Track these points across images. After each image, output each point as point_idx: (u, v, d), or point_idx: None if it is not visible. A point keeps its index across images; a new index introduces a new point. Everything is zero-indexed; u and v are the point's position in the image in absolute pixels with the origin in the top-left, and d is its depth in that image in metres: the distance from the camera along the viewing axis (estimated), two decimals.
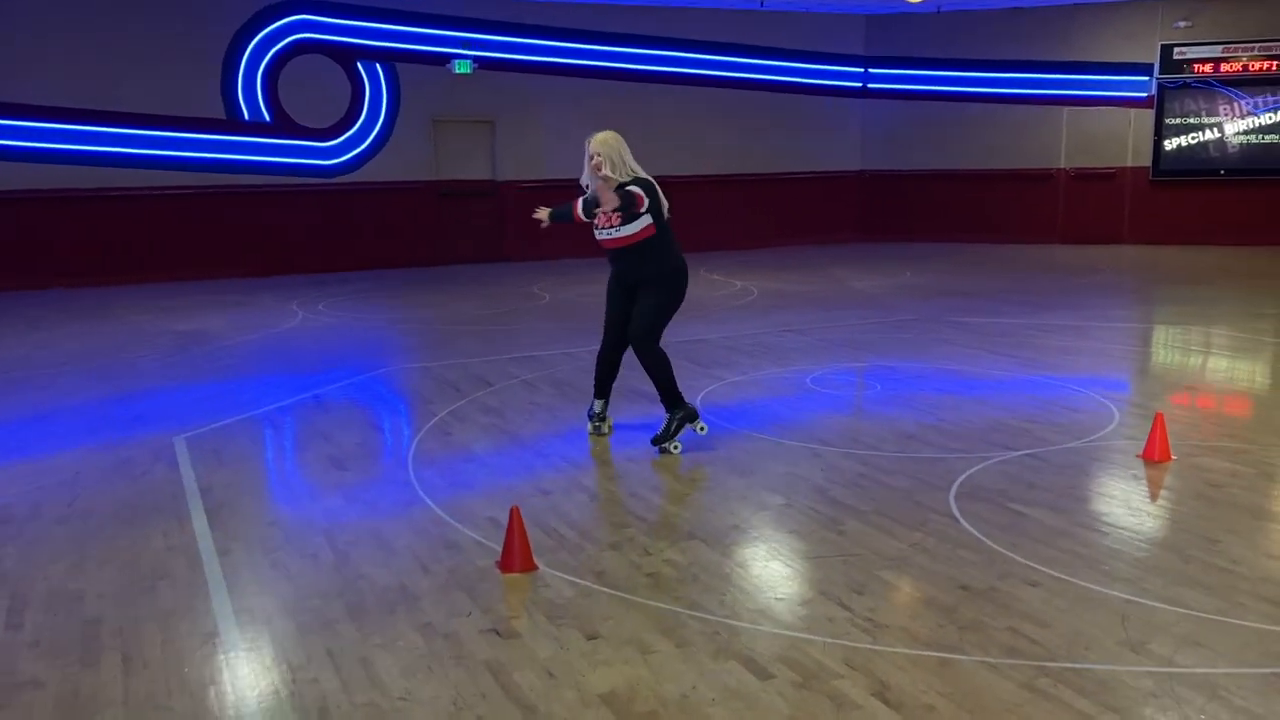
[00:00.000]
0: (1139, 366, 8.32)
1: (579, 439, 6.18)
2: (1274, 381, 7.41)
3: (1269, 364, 8.05)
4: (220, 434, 6.40)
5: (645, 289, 5.83)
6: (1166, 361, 8.56)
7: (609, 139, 5.68)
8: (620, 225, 5.68)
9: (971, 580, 4.06)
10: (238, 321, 10.83)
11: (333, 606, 3.91)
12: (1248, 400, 6.88)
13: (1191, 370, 8.08)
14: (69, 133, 13.63)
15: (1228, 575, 4.08)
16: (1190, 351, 9.00)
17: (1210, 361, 8.38)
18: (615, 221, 5.68)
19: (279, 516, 4.92)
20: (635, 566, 4.23)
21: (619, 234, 5.72)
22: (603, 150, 5.62)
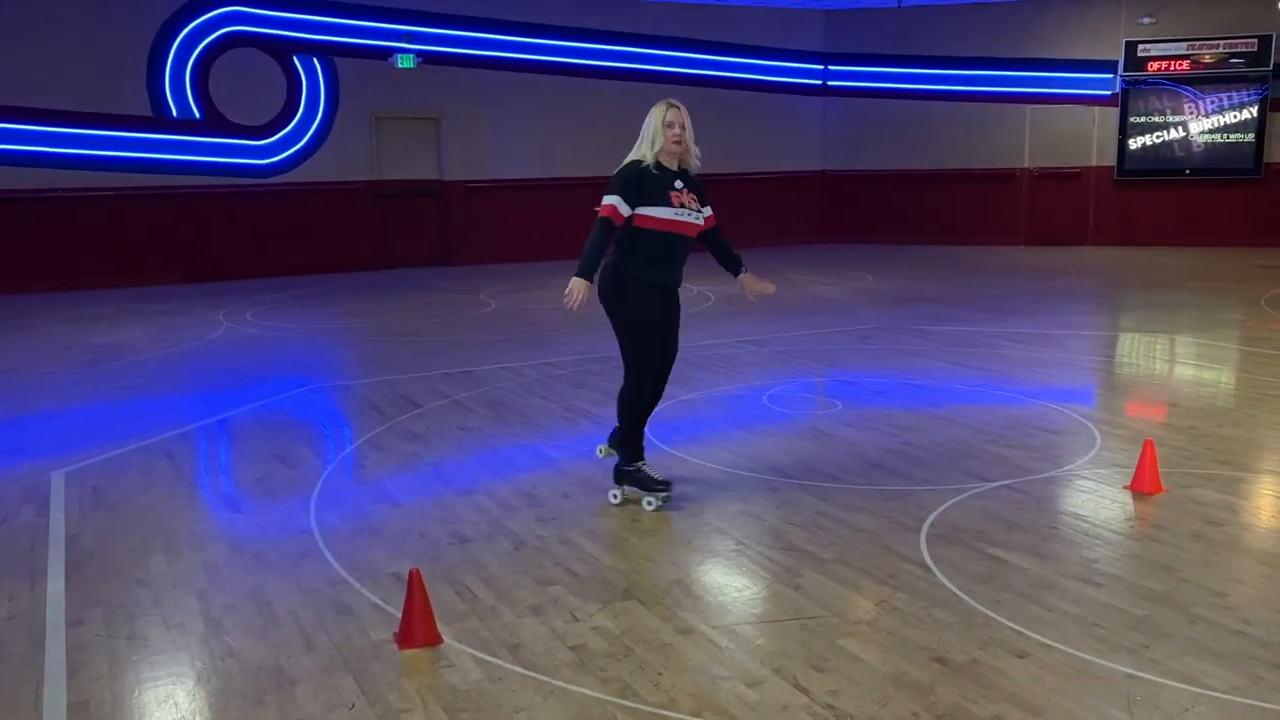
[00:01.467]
0: (1115, 380, 7.82)
1: (508, 470, 5.55)
2: (1254, 395, 6.93)
3: (1246, 376, 7.58)
4: (106, 467, 5.70)
5: (679, 299, 4.98)
6: (1143, 374, 8.07)
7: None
8: (698, 210, 4.80)
9: (949, 650, 3.48)
10: (158, 333, 10.08)
11: (190, 696, 3.25)
12: (1232, 419, 6.39)
13: (1170, 385, 7.58)
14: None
15: (1241, 640, 3.52)
16: (1165, 362, 8.52)
17: (1187, 374, 7.89)
18: (694, 204, 4.78)
19: (151, 573, 4.24)
20: (558, 637, 3.60)
21: (697, 219, 4.79)
22: (689, 123, 4.79)
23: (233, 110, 14.06)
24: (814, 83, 18.05)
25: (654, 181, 4.67)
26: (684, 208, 4.72)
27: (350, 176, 14.88)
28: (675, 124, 4.72)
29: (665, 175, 4.71)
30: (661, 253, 4.73)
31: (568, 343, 9.01)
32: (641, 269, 4.74)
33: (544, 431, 6.30)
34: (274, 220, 14.44)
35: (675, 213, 4.69)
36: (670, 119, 4.72)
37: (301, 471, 5.58)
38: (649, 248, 4.71)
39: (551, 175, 15.99)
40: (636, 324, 4.79)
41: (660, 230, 4.68)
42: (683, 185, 4.74)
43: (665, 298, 4.83)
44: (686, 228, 4.75)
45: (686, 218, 4.73)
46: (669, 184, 4.71)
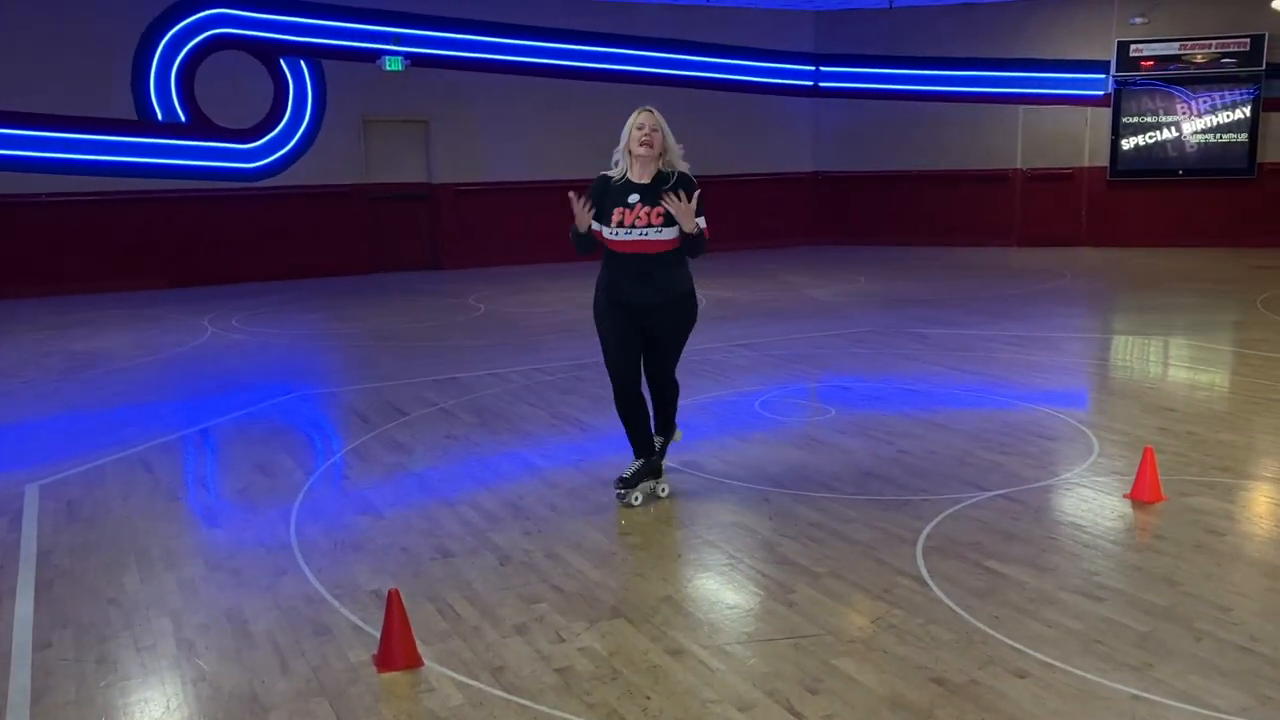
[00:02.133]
0: (1111, 384, 7.72)
1: (494, 480, 5.42)
2: (1251, 400, 6.83)
3: (1242, 379, 7.49)
4: (83, 479, 5.56)
5: (668, 317, 4.77)
6: (1139, 378, 7.97)
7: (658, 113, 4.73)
8: (663, 225, 4.61)
9: (947, 670, 3.36)
10: (141, 339, 9.93)
11: None
12: (1230, 424, 6.29)
13: (1166, 389, 7.49)
14: None
15: (1248, 657, 3.42)
16: (1161, 366, 8.43)
17: (1184, 378, 7.80)
18: (657, 220, 4.60)
19: (124, 591, 4.11)
20: (543, 659, 3.48)
21: (658, 236, 4.62)
22: (660, 123, 4.65)
23: (219, 113, 13.90)
24: (805, 84, 17.94)
25: (610, 196, 4.68)
26: (626, 227, 4.61)
27: (338, 180, 14.73)
28: (645, 125, 4.64)
29: (625, 189, 4.65)
30: (616, 270, 4.74)
31: (557, 348, 8.88)
32: (600, 279, 4.85)
33: (531, 440, 6.18)
34: (261, 224, 14.28)
35: (613, 232, 4.64)
36: (641, 122, 4.66)
37: (283, 482, 5.45)
38: (606, 260, 4.79)
39: (542, 178, 15.85)
40: (597, 324, 4.91)
41: (607, 249, 4.73)
42: (638, 199, 4.61)
43: (621, 315, 4.76)
44: (629, 246, 4.64)
45: (627, 236, 4.62)
46: (622, 199, 4.64)
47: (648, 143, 4.61)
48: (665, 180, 4.65)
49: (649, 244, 4.63)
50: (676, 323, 4.82)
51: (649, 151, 4.61)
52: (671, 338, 4.84)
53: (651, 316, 4.75)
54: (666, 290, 4.72)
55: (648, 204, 4.60)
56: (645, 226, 4.60)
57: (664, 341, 4.84)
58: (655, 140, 4.62)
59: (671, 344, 4.87)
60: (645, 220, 4.60)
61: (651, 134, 4.62)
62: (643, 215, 4.60)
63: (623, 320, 4.77)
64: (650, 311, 4.74)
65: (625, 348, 4.81)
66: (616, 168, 4.73)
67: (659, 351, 4.86)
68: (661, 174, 4.66)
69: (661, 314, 4.75)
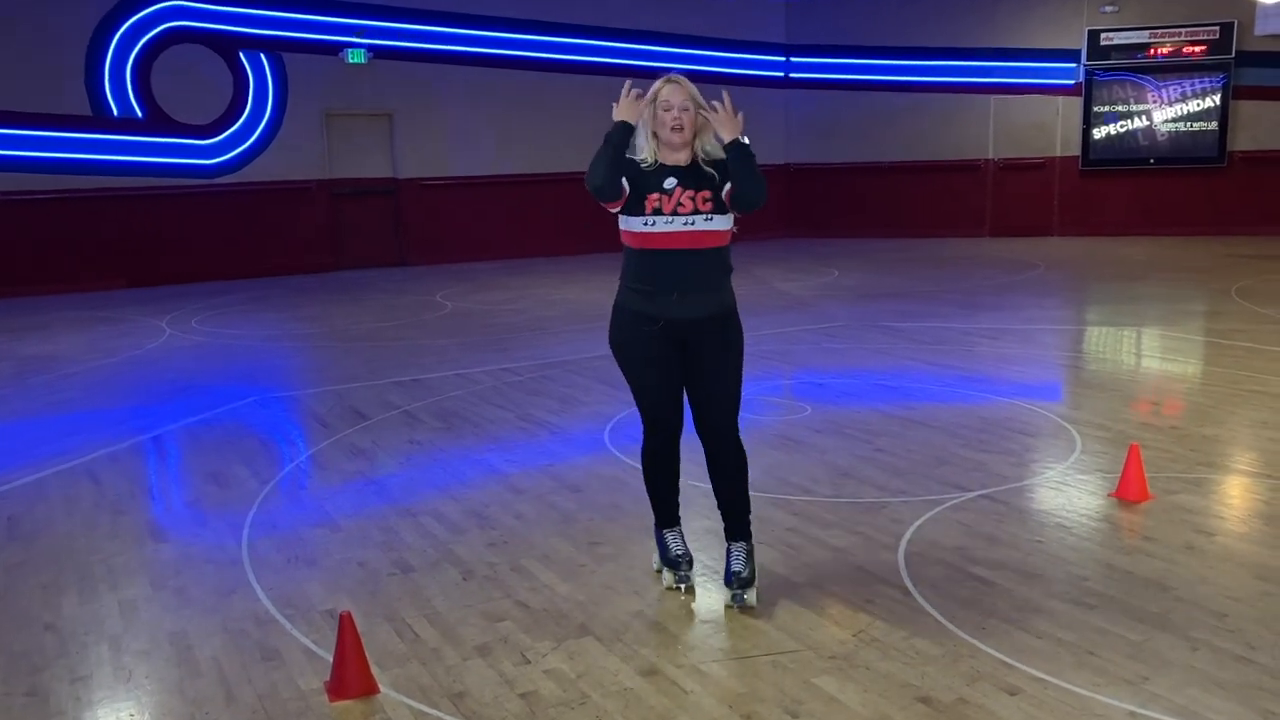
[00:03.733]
0: (1090, 377, 7.59)
1: (458, 488, 5.20)
2: (1233, 392, 6.71)
3: (1222, 371, 7.37)
4: (24, 492, 5.29)
5: (717, 333, 3.68)
6: (1117, 370, 7.85)
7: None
8: (713, 213, 3.60)
9: (934, 687, 3.18)
10: (96, 342, 9.61)
11: None
12: (1213, 418, 6.16)
13: (1146, 381, 7.37)
14: None
15: (1246, 667, 3.26)
16: (1140, 357, 8.31)
17: (1163, 369, 7.68)
18: (705, 205, 3.59)
19: (61, 616, 3.86)
20: (506, 683, 3.27)
21: (708, 225, 3.60)
22: (693, 97, 3.66)
23: (177, 109, 13.54)
24: (776, 74, 17.77)
25: (640, 179, 3.61)
26: (662, 215, 3.55)
27: (301, 176, 14.40)
28: (674, 104, 3.61)
29: (658, 173, 3.62)
30: (647, 275, 3.63)
31: (525, 347, 8.65)
32: (625, 292, 3.74)
33: (498, 444, 5.96)
34: (222, 222, 13.94)
35: (648, 222, 3.56)
36: (667, 98, 3.63)
37: (236, 493, 5.20)
38: (634, 266, 3.68)
39: (510, 172, 15.60)
40: (614, 350, 3.81)
41: (635, 248, 3.65)
42: (676, 183, 3.59)
43: (650, 332, 3.65)
44: (668, 240, 3.57)
45: (668, 226, 3.55)
46: (655, 184, 3.59)
47: (679, 125, 3.61)
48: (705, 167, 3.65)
49: (696, 236, 3.57)
50: (728, 346, 3.71)
51: (681, 139, 3.62)
52: (726, 367, 3.70)
53: (697, 338, 3.65)
54: (713, 301, 3.66)
55: (691, 188, 3.58)
56: (691, 214, 3.56)
57: (714, 373, 3.68)
58: (688, 122, 3.62)
59: (727, 377, 3.71)
60: (690, 206, 3.57)
61: (682, 115, 3.62)
62: (686, 201, 3.56)
63: (658, 341, 3.66)
64: (696, 331, 3.64)
65: (665, 373, 3.69)
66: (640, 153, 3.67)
67: (711, 391, 3.70)
68: (699, 159, 3.66)
69: (711, 334, 3.66)
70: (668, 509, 3.96)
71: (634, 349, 3.72)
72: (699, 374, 3.71)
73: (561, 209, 15.66)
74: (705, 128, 3.66)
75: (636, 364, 3.73)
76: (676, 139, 3.62)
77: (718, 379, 3.71)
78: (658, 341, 3.66)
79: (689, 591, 3.85)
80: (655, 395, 3.75)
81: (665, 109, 3.63)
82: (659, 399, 3.75)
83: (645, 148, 3.66)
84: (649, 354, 3.69)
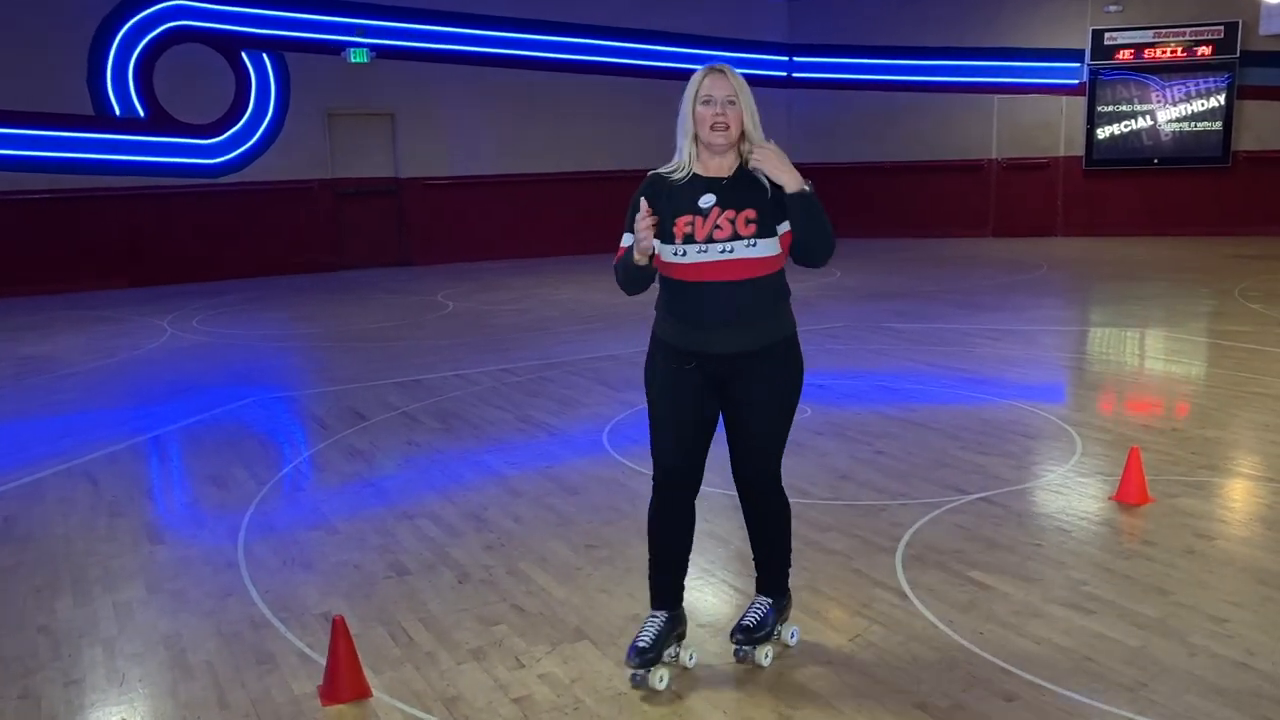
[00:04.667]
0: (1091, 378, 7.56)
1: (455, 489, 5.18)
2: (1235, 394, 6.68)
3: (1225, 371, 7.34)
4: (21, 494, 5.28)
5: (765, 374, 3.17)
6: (1119, 372, 7.82)
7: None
8: (756, 236, 3.08)
9: (931, 694, 3.16)
10: (96, 342, 9.61)
11: None
12: (1215, 420, 6.13)
13: (1147, 383, 7.34)
14: None
15: (1245, 674, 3.24)
16: (1140, 359, 8.28)
17: (1165, 371, 7.65)
18: (747, 229, 3.07)
19: (55, 619, 3.85)
20: (500, 688, 3.26)
21: (749, 252, 3.07)
22: (744, 91, 3.11)
23: (179, 108, 13.54)
24: (779, 74, 17.74)
25: (670, 200, 3.09)
26: (700, 243, 3.03)
27: (303, 175, 14.40)
28: (715, 99, 3.06)
29: (693, 187, 3.10)
30: (683, 308, 3.13)
31: (526, 348, 8.63)
32: (659, 322, 3.26)
33: (497, 445, 5.94)
34: (224, 221, 13.94)
35: (679, 252, 3.05)
36: (709, 91, 3.07)
37: (234, 495, 5.19)
38: (666, 295, 3.21)
39: (512, 171, 15.59)
40: (646, 388, 3.30)
41: (667, 277, 3.16)
42: (714, 201, 3.06)
43: (690, 373, 3.16)
44: (701, 271, 3.04)
45: (702, 256, 3.03)
46: (688, 203, 3.07)
47: (723, 124, 3.06)
48: (755, 176, 3.11)
49: (737, 265, 3.05)
50: (778, 383, 3.20)
51: (724, 139, 3.07)
52: (771, 408, 3.20)
53: (740, 375, 3.15)
54: (764, 331, 3.14)
55: (732, 206, 3.06)
56: (729, 239, 3.04)
57: (758, 414, 3.19)
58: (734, 119, 3.08)
59: (772, 418, 3.21)
60: (729, 231, 3.04)
61: (726, 109, 3.06)
62: (725, 224, 3.04)
63: (692, 379, 3.17)
64: (738, 366, 3.14)
65: (691, 416, 3.18)
66: (675, 162, 3.16)
67: (751, 432, 3.21)
68: (746, 169, 3.13)
69: (756, 370, 3.15)
70: (658, 585, 3.34)
71: (661, 383, 3.21)
72: (741, 413, 3.20)
73: (564, 208, 15.66)
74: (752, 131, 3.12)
75: (659, 399, 3.23)
76: (719, 140, 3.06)
77: (761, 421, 3.19)
78: (690, 380, 3.16)
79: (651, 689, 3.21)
80: (671, 440, 3.20)
81: (705, 103, 3.06)
82: (674, 446, 3.20)
83: (681, 155, 3.13)
84: (676, 393, 3.18)
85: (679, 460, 3.22)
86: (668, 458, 3.23)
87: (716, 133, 3.05)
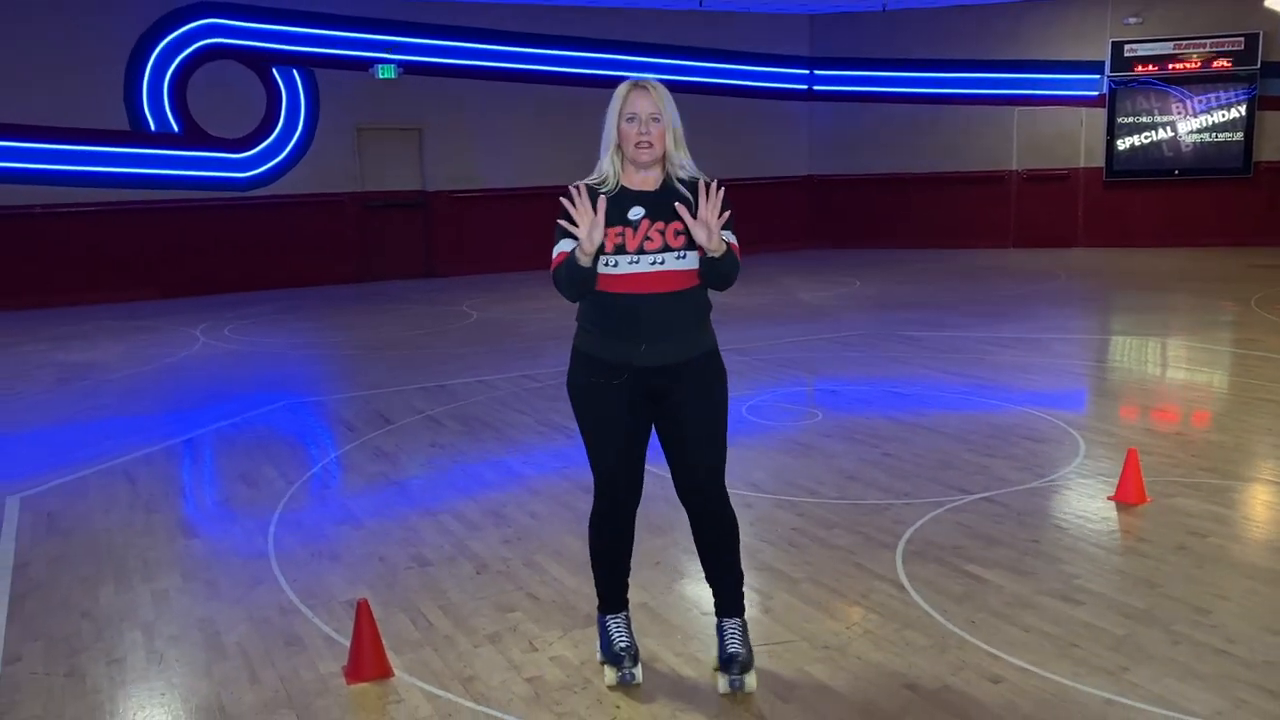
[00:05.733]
0: (1102, 385, 7.69)
1: (476, 488, 5.40)
2: (1243, 400, 6.80)
3: (1235, 379, 7.45)
4: (64, 491, 5.54)
5: (696, 380, 3.18)
6: (1130, 379, 7.94)
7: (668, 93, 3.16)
8: (684, 248, 3.09)
9: (920, 676, 3.34)
10: (133, 350, 9.92)
11: None
12: (1220, 425, 6.25)
13: (1157, 389, 7.45)
14: None
15: (1224, 660, 3.39)
16: (1153, 366, 8.39)
17: (1176, 378, 7.76)
18: (677, 241, 3.08)
19: (97, 605, 4.09)
20: (514, 668, 3.46)
21: (679, 264, 3.09)
22: (668, 107, 3.12)
23: (211, 123, 13.91)
24: (800, 87, 17.94)
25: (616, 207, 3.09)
26: (631, 253, 3.05)
27: (332, 189, 14.73)
28: (640, 116, 3.08)
29: (622, 200, 3.09)
30: (612, 321, 3.13)
31: (546, 355, 8.86)
32: (582, 335, 3.23)
33: (516, 447, 6.16)
34: (255, 234, 14.28)
35: (609, 263, 3.05)
36: (633, 108, 3.09)
37: (264, 493, 5.43)
38: (592, 308, 3.19)
39: (536, 184, 15.85)
40: (571, 396, 3.28)
41: (594, 292, 3.13)
42: (643, 214, 3.07)
43: (620, 388, 3.14)
44: (632, 283, 3.06)
45: (633, 268, 3.05)
46: (619, 215, 3.08)
47: (647, 143, 3.08)
48: (679, 189, 3.11)
49: (668, 277, 3.08)
50: (709, 393, 3.21)
51: (650, 155, 3.09)
52: (707, 419, 3.20)
53: (669, 387, 3.16)
54: (693, 344, 3.18)
55: (661, 219, 3.07)
56: (659, 251, 3.06)
57: (695, 426, 3.18)
58: (657, 137, 3.09)
59: (709, 430, 3.21)
60: (659, 242, 3.06)
61: (651, 128, 3.08)
62: (655, 235, 3.06)
63: (624, 394, 3.15)
64: (670, 379, 3.15)
65: (624, 428, 3.19)
66: (600, 174, 3.17)
67: (690, 441, 3.19)
68: (672, 181, 3.15)
69: (689, 381, 3.17)
70: (614, 590, 3.40)
71: (591, 398, 3.19)
72: (677, 428, 3.19)
73: None
74: (676, 148, 3.14)
75: (592, 416, 3.21)
76: (644, 157, 3.07)
77: (698, 433, 3.18)
78: (622, 393, 3.14)
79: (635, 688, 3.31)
80: (611, 454, 3.22)
81: (629, 120, 3.09)
82: (614, 459, 3.22)
83: (607, 168, 3.14)
84: (609, 408, 3.17)
85: (618, 464, 3.23)
86: (607, 463, 3.24)
87: (641, 150, 3.07)
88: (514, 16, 15.43)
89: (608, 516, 3.34)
